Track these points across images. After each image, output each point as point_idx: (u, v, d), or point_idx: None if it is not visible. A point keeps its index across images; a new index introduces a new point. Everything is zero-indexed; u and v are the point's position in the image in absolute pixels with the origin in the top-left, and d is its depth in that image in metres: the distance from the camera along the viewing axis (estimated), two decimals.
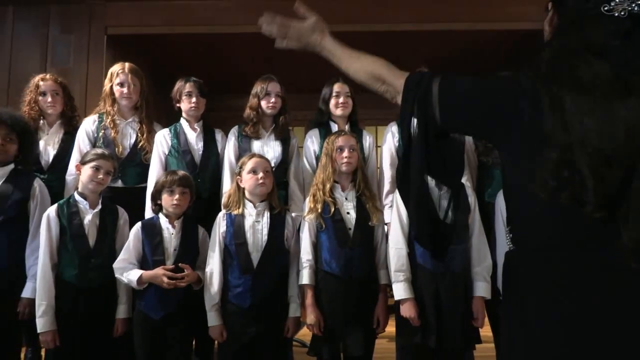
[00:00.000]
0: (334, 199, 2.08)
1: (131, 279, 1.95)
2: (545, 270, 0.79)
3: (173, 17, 3.71)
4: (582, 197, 0.72)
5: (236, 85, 2.84)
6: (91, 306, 1.97)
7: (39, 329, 1.92)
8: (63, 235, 2.01)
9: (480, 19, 3.56)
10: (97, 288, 2.00)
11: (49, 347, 1.94)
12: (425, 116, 0.90)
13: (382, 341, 2.20)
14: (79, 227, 2.02)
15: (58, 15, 3.72)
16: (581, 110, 0.73)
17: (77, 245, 2.00)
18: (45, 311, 1.92)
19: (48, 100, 2.50)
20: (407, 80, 0.94)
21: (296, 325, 2.06)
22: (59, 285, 1.98)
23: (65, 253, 1.99)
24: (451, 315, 1.91)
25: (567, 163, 0.72)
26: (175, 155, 2.42)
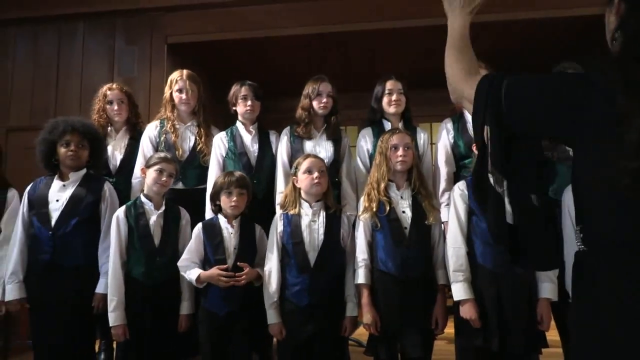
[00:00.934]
0: (389, 197, 2.06)
1: (192, 278, 2.04)
2: (624, 272, 0.75)
3: (227, 24, 3.82)
4: None
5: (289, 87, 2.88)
6: (157, 302, 2.07)
7: (110, 323, 2.04)
8: (131, 235, 2.13)
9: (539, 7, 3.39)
10: (162, 285, 2.10)
11: (119, 339, 2.06)
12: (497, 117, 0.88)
13: (440, 343, 2.14)
14: (145, 227, 2.13)
15: (123, 28, 3.95)
16: None
17: (143, 245, 2.11)
18: (116, 306, 2.04)
19: (115, 109, 2.65)
20: (479, 84, 0.93)
21: (353, 324, 2.06)
22: (128, 281, 2.09)
23: (134, 252, 2.11)
24: (514, 317, 1.83)
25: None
26: (232, 158, 2.49)
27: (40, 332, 2.12)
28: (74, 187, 2.21)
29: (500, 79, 0.89)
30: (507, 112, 0.86)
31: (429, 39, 3.98)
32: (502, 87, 0.87)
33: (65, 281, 2.09)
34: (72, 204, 2.17)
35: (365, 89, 2.66)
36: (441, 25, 3.93)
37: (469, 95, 0.95)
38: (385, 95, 2.51)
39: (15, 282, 2.14)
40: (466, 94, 0.97)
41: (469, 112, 1.00)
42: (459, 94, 1.00)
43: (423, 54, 4.25)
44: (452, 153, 2.47)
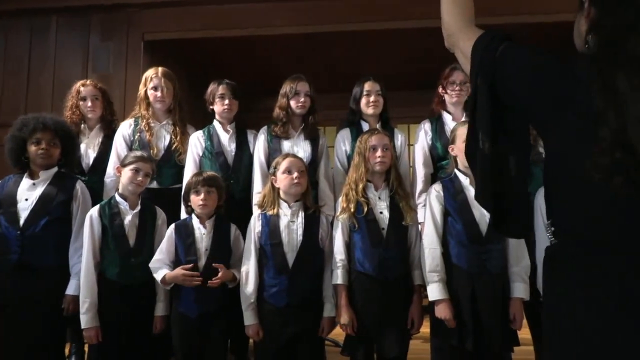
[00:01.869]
0: (367, 198, 2.07)
1: (158, 279, 2.01)
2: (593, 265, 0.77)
3: (208, 22, 3.78)
4: (637, 179, 0.69)
5: (270, 87, 2.86)
6: (132, 304, 2.04)
7: (82, 325, 1.99)
8: (105, 234, 2.08)
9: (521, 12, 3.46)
10: (137, 286, 2.06)
11: (92, 342, 2.02)
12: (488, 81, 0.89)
13: (416, 342, 2.16)
14: (119, 227, 2.08)
15: (98, 24, 3.86)
16: (634, 88, 0.70)
17: (118, 245, 2.07)
18: (88, 308, 2.00)
19: (88, 105, 2.60)
20: (476, 42, 0.93)
21: (331, 325, 2.06)
22: (102, 283, 2.05)
23: (108, 252, 2.07)
24: (489, 316, 1.86)
25: (621, 144, 0.70)
26: (209, 157, 2.46)
27: (8, 335, 2.05)
28: (44, 185, 2.15)
29: (497, 44, 0.90)
30: (498, 79, 0.87)
31: (412, 41, 4.03)
32: (498, 52, 0.88)
33: (34, 282, 2.03)
34: (42, 203, 2.11)
35: (347, 89, 2.67)
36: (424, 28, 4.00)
37: (464, 48, 0.96)
38: (364, 96, 2.53)
39: None
40: (461, 46, 0.97)
41: (460, 63, 1.01)
42: (453, 42, 1.01)
43: (405, 56, 4.30)
44: (429, 154, 2.50)
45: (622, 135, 0.70)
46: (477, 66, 0.90)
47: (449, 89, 2.46)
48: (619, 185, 0.70)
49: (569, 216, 0.81)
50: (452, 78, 2.46)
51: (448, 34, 1.02)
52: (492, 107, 0.89)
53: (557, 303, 0.83)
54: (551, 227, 0.86)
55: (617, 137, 0.70)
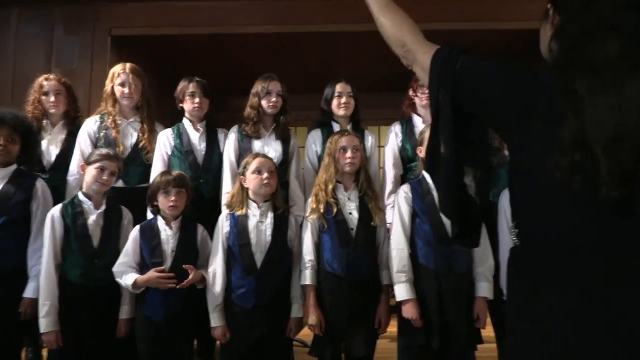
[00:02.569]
0: (336, 199, 2.08)
1: (127, 284, 1.95)
2: (555, 266, 0.78)
3: (177, 18, 3.71)
4: (595, 179, 0.71)
5: (242, 86, 2.84)
6: (95, 306, 1.98)
7: (42, 329, 1.92)
8: (67, 235, 2.01)
9: (486, 18, 3.54)
10: (101, 288, 2.00)
11: (52, 347, 1.94)
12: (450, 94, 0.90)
13: (383, 341, 2.19)
14: (83, 227, 2.02)
15: (63, 17, 3.73)
16: (592, 91, 0.73)
17: (81, 246, 2.00)
18: (48, 311, 1.93)
19: (51, 100, 2.50)
20: (435, 55, 0.94)
21: (298, 325, 2.06)
22: (64, 285, 1.98)
23: (70, 253, 2.00)
24: (455, 316, 1.90)
25: (580, 145, 0.72)
26: (178, 156, 2.42)
27: None
28: (2, 184, 2.07)
29: (456, 56, 0.91)
30: (459, 91, 0.89)
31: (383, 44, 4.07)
32: (458, 64, 0.90)
33: None
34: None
35: (319, 90, 2.67)
36: None
37: (423, 62, 0.96)
38: (335, 97, 2.54)
39: None
40: (420, 60, 0.98)
41: (419, 77, 1.01)
42: (411, 57, 1.01)
43: (375, 58, 4.33)
44: (399, 156, 2.54)
45: (581, 136, 0.72)
46: (438, 78, 0.92)
47: (418, 92, 2.50)
48: (579, 185, 0.72)
49: (532, 219, 0.83)
50: (421, 81, 2.49)
51: (404, 50, 1.02)
52: (454, 119, 0.91)
53: (520, 304, 0.84)
54: (515, 229, 0.88)
55: (576, 138, 0.72)
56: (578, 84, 0.74)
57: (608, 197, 0.70)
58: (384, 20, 1.06)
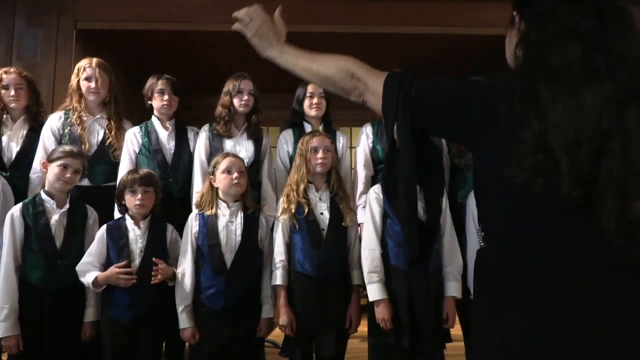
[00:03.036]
0: (307, 199, 2.08)
1: (89, 282, 1.90)
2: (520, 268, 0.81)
3: (146, 13, 3.61)
4: (556, 180, 0.73)
5: (212, 84, 2.80)
6: (58, 309, 1.91)
7: (1, 334, 1.85)
8: (28, 235, 1.94)
9: (455, 23, 3.62)
10: (64, 290, 1.94)
11: (11, 352, 1.87)
12: (408, 117, 0.90)
13: (354, 341, 2.20)
14: (45, 227, 1.95)
15: (24, 8, 3.57)
16: (553, 96, 0.75)
17: (42, 246, 1.94)
18: (7, 315, 1.86)
19: (11, 94, 2.40)
20: (387, 80, 0.94)
21: (269, 326, 2.05)
22: (24, 287, 1.91)
23: (31, 254, 1.93)
24: (424, 315, 1.93)
25: (542, 147, 0.74)
26: (146, 154, 2.37)
27: None
28: None
29: (410, 79, 0.92)
30: (418, 113, 0.90)
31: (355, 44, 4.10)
32: (413, 87, 0.90)
33: None
34: None
35: (290, 90, 2.66)
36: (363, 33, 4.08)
37: (374, 87, 0.96)
38: (307, 98, 2.54)
39: None
40: (371, 86, 0.97)
41: (369, 103, 0.99)
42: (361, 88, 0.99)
43: None
44: (370, 157, 2.56)
45: (544, 139, 0.74)
46: (395, 103, 0.91)
47: None
48: (540, 187, 0.75)
49: (497, 221, 0.85)
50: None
51: (354, 80, 0.99)
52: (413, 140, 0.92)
53: (485, 304, 0.87)
54: (482, 231, 0.90)
55: (538, 142, 0.75)
56: (541, 90, 0.76)
57: (568, 196, 0.73)
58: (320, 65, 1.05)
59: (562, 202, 0.74)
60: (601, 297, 0.74)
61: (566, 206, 0.75)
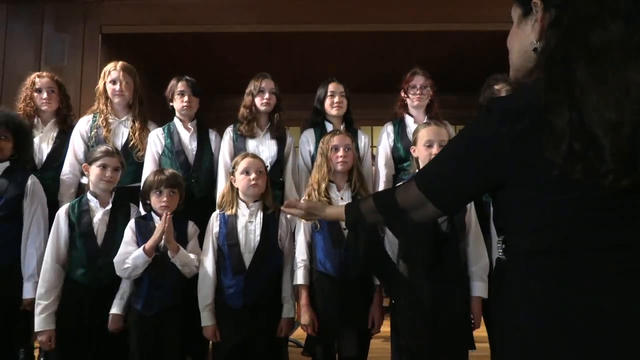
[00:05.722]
0: (329, 198, 2.07)
1: (137, 256, 1.90)
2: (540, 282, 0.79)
3: (168, 16, 3.69)
4: (598, 167, 0.70)
5: (232, 85, 2.83)
6: (98, 306, 1.96)
7: (36, 328, 1.90)
8: (72, 234, 2.00)
9: (473, 20, 3.58)
10: (105, 288, 1.98)
11: (45, 347, 1.93)
12: None
13: (376, 341, 2.19)
14: (87, 225, 2.01)
15: (52, 14, 3.70)
16: (593, 77, 0.72)
17: (85, 244, 1.99)
18: (43, 310, 1.91)
19: (43, 97, 2.48)
20: None
21: (289, 325, 2.05)
22: (67, 284, 1.97)
23: (75, 252, 1.99)
24: (449, 315, 1.90)
25: (578, 134, 0.71)
26: (169, 156, 2.40)
27: None
28: None
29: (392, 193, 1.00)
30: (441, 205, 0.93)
31: (373, 43, 4.09)
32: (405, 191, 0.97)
33: None
34: None
35: (308, 90, 2.67)
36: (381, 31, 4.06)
37: None
38: (328, 97, 2.54)
39: None
40: None
41: None
42: None
43: (367, 58, 4.35)
44: (391, 156, 2.55)
45: (579, 125, 0.71)
46: None
47: (410, 92, 2.51)
48: (580, 175, 0.71)
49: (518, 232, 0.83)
50: (412, 82, 2.51)
51: None
52: None
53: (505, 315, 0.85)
54: (503, 243, 0.89)
55: (573, 127, 0.72)
56: (579, 71, 0.73)
57: (616, 187, 0.70)
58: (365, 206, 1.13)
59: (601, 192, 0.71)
60: None
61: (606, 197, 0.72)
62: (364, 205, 1.08)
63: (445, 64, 3.87)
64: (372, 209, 1.05)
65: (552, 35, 0.80)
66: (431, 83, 2.53)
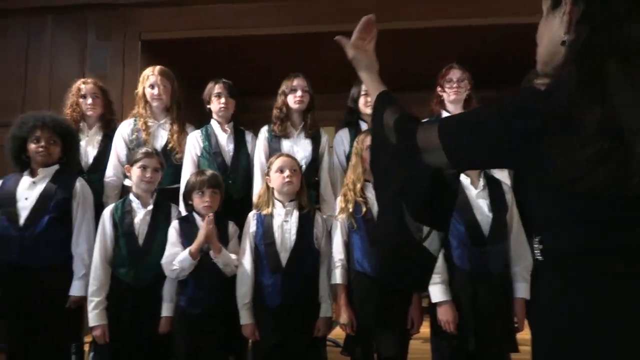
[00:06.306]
0: (365, 198, 2.06)
1: (183, 259, 1.95)
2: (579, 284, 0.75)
3: (203, 21, 3.77)
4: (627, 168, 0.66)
5: (266, 86, 2.86)
6: (140, 303, 2.02)
7: (90, 323, 2.00)
8: (116, 234, 2.08)
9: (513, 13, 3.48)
10: (146, 287, 2.04)
11: (100, 340, 2.02)
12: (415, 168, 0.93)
13: (416, 342, 2.16)
14: (129, 225, 2.08)
15: (94, 23, 3.84)
16: (626, 73, 0.69)
17: (127, 244, 2.06)
18: (96, 306, 2.01)
19: (88, 103, 2.58)
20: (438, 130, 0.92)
21: (327, 325, 2.05)
22: (113, 282, 2.05)
23: (118, 251, 2.06)
24: (490, 317, 1.85)
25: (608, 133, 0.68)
26: (207, 157, 2.45)
27: (11, 334, 2.06)
28: (44, 183, 2.14)
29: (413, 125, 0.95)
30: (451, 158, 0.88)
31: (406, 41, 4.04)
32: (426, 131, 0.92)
33: (34, 282, 2.02)
34: (41, 201, 2.10)
35: (342, 89, 2.67)
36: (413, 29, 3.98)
37: None
38: (362, 95, 2.52)
39: None
40: None
41: None
42: None
43: (400, 56, 4.30)
44: None
45: (609, 123, 0.68)
46: None
47: (446, 87, 2.46)
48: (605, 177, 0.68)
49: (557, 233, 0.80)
50: (449, 76, 2.46)
51: None
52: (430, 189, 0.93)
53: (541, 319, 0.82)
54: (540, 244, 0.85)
55: (603, 125, 0.68)
56: (610, 68, 0.70)
57: None
58: None
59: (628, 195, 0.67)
60: None
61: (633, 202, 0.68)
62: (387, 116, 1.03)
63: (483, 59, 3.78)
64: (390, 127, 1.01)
65: (582, 29, 0.76)
66: (468, 76, 2.47)
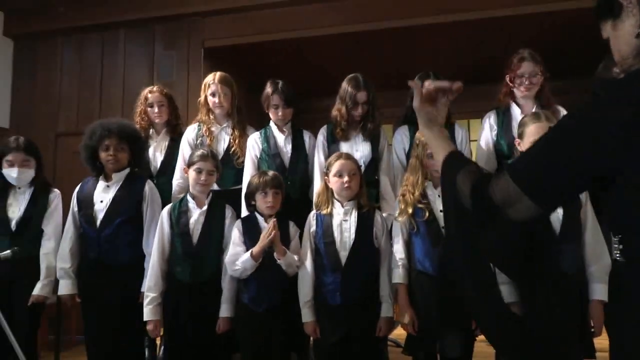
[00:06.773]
0: (426, 198, 2.01)
1: (245, 259, 2.00)
2: None
3: (262, 26, 3.87)
4: None
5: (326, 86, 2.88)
6: (194, 302, 2.08)
7: (145, 318, 2.09)
8: (172, 233, 2.17)
9: None
10: (200, 285, 2.11)
11: (153, 335, 2.12)
12: None
13: (480, 344, 2.08)
14: (184, 225, 2.16)
15: (161, 34, 4.07)
16: None
17: (182, 243, 2.14)
18: (150, 301, 2.10)
19: (155, 111, 2.72)
20: None
21: (389, 325, 2.03)
22: (169, 280, 2.14)
23: (174, 250, 2.15)
24: (563, 320, 1.75)
25: None
26: (266, 159, 2.49)
27: (91, 328, 2.21)
28: (116, 187, 2.28)
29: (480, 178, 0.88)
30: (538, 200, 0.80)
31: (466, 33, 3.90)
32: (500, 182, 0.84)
33: (112, 279, 2.17)
34: (115, 204, 2.24)
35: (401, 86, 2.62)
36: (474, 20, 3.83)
37: None
38: None
39: (67, 277, 2.23)
40: None
41: None
42: None
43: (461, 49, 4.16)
44: (493, 150, 2.38)
45: None
46: None
47: (517, 82, 2.29)
48: None
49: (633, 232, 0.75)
50: (520, 71, 2.28)
51: None
52: None
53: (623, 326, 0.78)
54: (620, 244, 0.80)
55: None
56: None
57: None
58: None
59: None
60: None
61: None
62: (460, 181, 0.92)
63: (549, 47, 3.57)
64: (467, 194, 0.91)
65: None
66: (541, 68, 2.27)
